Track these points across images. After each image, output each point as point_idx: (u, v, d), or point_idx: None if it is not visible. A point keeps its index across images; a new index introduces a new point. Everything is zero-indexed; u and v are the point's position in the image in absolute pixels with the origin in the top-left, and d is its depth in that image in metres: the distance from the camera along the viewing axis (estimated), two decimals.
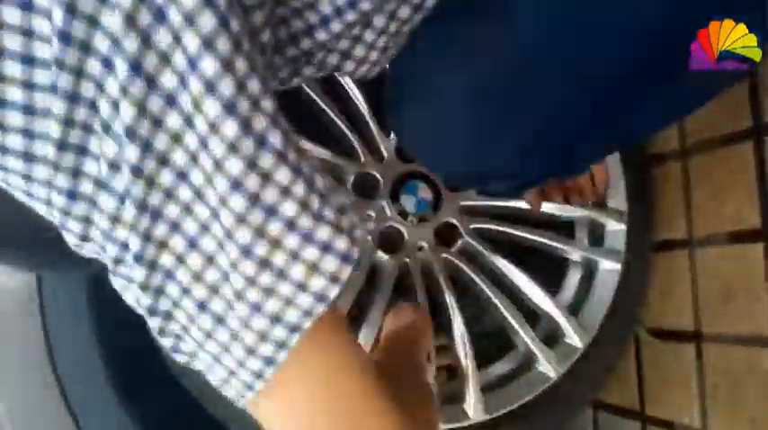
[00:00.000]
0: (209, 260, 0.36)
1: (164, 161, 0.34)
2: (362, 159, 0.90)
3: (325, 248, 0.36)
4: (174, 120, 0.33)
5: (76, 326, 0.73)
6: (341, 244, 0.36)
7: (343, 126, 0.89)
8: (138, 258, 0.35)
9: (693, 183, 0.94)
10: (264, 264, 0.35)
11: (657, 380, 0.97)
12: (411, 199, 0.90)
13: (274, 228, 0.34)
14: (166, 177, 0.34)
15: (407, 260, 0.89)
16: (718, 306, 0.88)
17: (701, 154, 0.93)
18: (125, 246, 0.36)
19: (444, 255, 0.91)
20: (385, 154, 0.91)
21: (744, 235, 0.85)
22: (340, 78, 0.90)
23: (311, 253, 0.36)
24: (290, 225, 0.35)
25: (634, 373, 1.00)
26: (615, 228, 0.96)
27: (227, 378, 0.39)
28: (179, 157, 0.34)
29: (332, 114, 0.89)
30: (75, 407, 0.72)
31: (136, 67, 0.32)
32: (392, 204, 0.89)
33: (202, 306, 0.37)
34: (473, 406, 0.86)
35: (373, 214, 0.89)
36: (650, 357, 0.98)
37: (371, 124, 0.90)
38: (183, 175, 0.34)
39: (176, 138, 0.33)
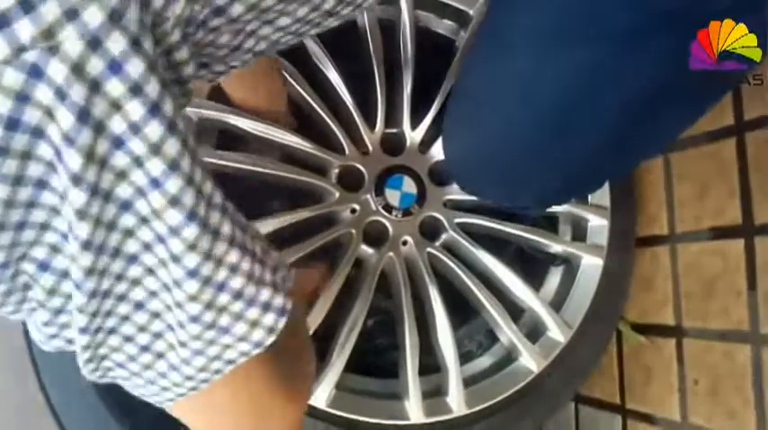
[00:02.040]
0: (156, 315, 0.38)
1: (115, 253, 0.34)
2: (347, 152, 0.89)
3: (266, 307, 0.40)
4: (128, 220, 0.33)
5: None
6: (278, 301, 0.40)
7: (327, 119, 0.88)
8: (84, 330, 0.36)
9: (676, 178, 0.95)
10: (211, 325, 0.38)
11: (638, 374, 0.98)
12: (396, 192, 0.90)
13: (223, 299, 0.37)
14: (117, 265, 0.35)
15: (391, 254, 0.89)
16: (700, 301, 0.89)
17: (684, 150, 0.94)
18: (69, 297, 0.36)
19: (428, 249, 0.90)
20: (370, 147, 0.90)
21: (725, 231, 0.86)
22: (325, 71, 0.89)
23: (253, 313, 0.39)
24: (237, 295, 0.38)
25: (615, 367, 1.01)
26: (598, 224, 0.97)
27: (159, 392, 0.42)
28: (131, 246, 0.34)
29: (316, 107, 0.88)
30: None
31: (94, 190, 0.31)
32: (377, 198, 0.89)
33: (145, 348, 0.39)
34: (456, 399, 0.86)
35: (358, 207, 0.88)
36: (631, 351, 0.99)
37: (356, 117, 0.90)
38: (134, 258, 0.35)
39: (129, 233, 0.34)
